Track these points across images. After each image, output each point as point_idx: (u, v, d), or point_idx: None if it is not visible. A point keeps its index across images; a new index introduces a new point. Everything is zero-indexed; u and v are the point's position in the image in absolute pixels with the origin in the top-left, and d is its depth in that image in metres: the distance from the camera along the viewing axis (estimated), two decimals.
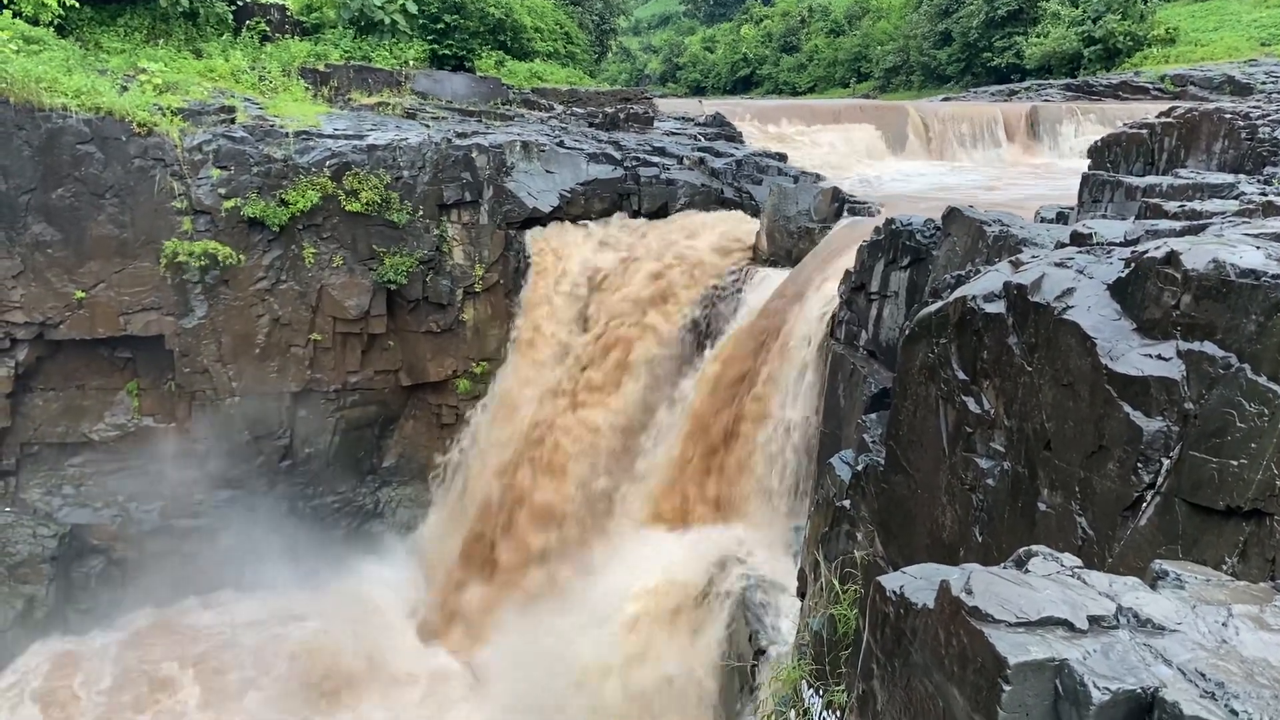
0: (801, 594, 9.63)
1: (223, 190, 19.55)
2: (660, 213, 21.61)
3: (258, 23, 26.89)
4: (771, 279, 17.20)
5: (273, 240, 20.24)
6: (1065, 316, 5.20)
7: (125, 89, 20.09)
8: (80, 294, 19.32)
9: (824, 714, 6.37)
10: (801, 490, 13.82)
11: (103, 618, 20.77)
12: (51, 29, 21.53)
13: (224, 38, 25.89)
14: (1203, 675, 2.81)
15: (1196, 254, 4.76)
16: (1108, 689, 2.74)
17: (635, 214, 21.70)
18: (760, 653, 11.70)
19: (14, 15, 20.68)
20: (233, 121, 20.37)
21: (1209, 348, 4.54)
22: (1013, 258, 6.53)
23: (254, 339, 20.64)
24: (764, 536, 14.11)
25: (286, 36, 27.53)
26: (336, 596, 21.30)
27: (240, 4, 26.61)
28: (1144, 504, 4.71)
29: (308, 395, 21.68)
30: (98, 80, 19.66)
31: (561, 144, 22.27)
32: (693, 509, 15.85)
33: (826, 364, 13.28)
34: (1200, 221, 7.09)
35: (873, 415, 9.51)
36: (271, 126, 20.38)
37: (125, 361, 20.87)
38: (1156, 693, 2.73)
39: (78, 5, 22.49)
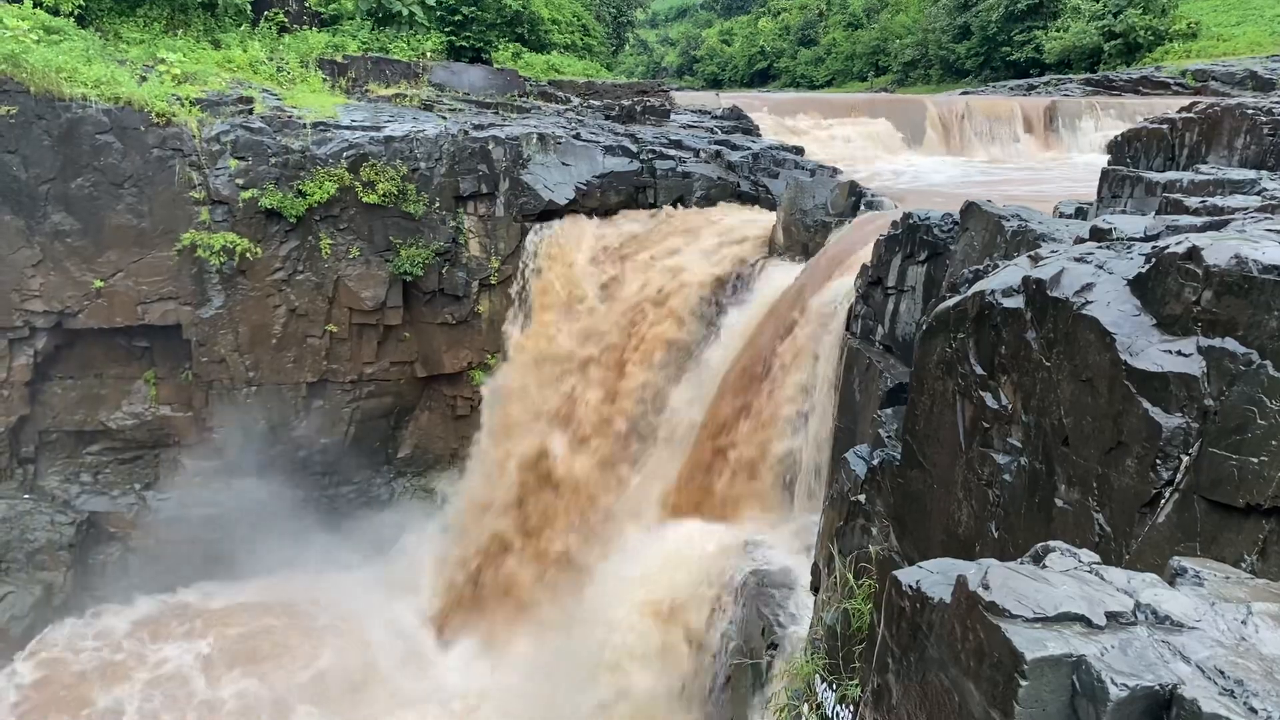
0: (815, 588, 9.62)
1: (240, 181, 19.63)
2: (676, 206, 21.58)
3: (276, 14, 26.95)
4: (787, 272, 17.15)
5: (290, 231, 20.31)
6: (1084, 312, 5.16)
7: (144, 79, 20.18)
8: (99, 283, 19.45)
9: (837, 708, 6.36)
10: (816, 485, 13.79)
11: (119, 604, 20.94)
12: (72, 19, 21.63)
13: (242, 28, 25.97)
14: (1222, 673, 2.79)
15: (1218, 249, 4.71)
16: (1125, 685, 2.72)
17: (651, 207, 21.67)
18: (773, 646, 11.69)
19: (35, 5, 20.79)
20: (251, 112, 20.45)
21: (1230, 344, 4.50)
22: (1031, 252, 6.49)
23: (270, 329, 20.74)
24: (777, 530, 14.08)
25: (304, 27, 27.60)
26: (352, 585, 21.41)
27: None
28: (1162, 501, 4.68)
29: (323, 386, 21.79)
30: (117, 70, 19.76)
31: (578, 136, 22.26)
32: (706, 502, 15.84)
33: (842, 358, 13.23)
34: (1222, 217, 7.03)
35: (888, 410, 9.47)
36: (289, 117, 20.45)
37: (143, 350, 21.01)
38: (1175, 690, 2.71)
39: None
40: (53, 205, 18.92)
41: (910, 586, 3.69)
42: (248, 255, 19.88)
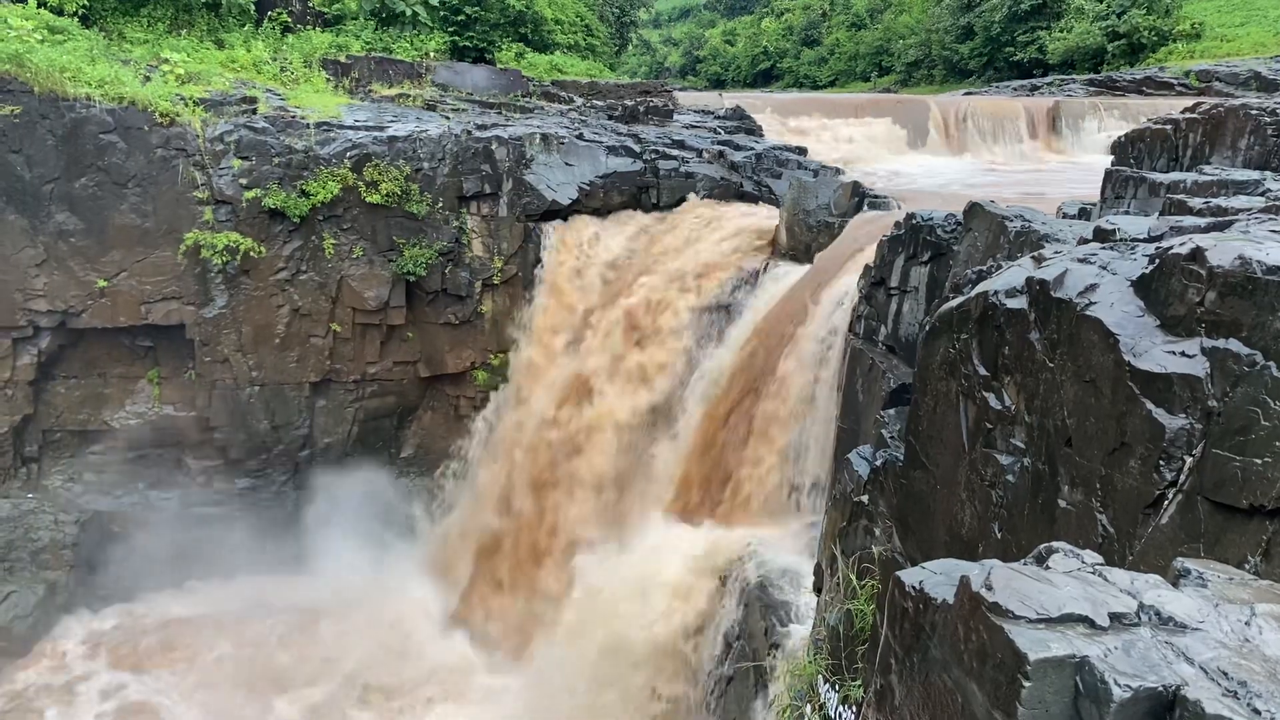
0: (818, 589, 9.62)
1: (244, 181, 19.65)
2: (679, 206, 21.58)
3: (279, 14, 26.97)
4: (790, 273, 17.15)
5: (293, 231, 20.33)
6: (1088, 313, 5.16)
7: (148, 79, 20.20)
8: (102, 283, 19.48)
9: (840, 708, 6.36)
10: (818, 485, 13.79)
11: (122, 604, 20.96)
12: (76, 19, 21.66)
13: (246, 28, 26.00)
14: (1225, 674, 2.79)
15: (1222, 250, 4.70)
16: (1129, 686, 2.72)
17: (654, 207, 21.68)
18: (775, 647, 11.69)
19: (39, 5, 20.81)
20: (254, 112, 20.46)
21: (1234, 345, 4.49)
22: (1035, 253, 6.48)
23: (274, 329, 20.76)
24: (780, 531, 14.08)
25: (308, 27, 27.62)
26: (355, 585, 21.40)
27: None
28: (1166, 502, 4.68)
29: (327, 386, 21.81)
30: (121, 70, 19.78)
31: (581, 136, 22.26)
32: (709, 502, 15.83)
33: (845, 359, 13.23)
34: (1225, 218, 7.01)
35: (891, 411, 9.48)
36: (293, 117, 20.46)
37: (146, 350, 21.03)
38: (1178, 691, 2.71)
39: None
40: (57, 205, 18.95)
41: (913, 587, 3.70)
42: (251, 254, 19.89)
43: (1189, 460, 4.58)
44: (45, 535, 20.05)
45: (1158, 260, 5.08)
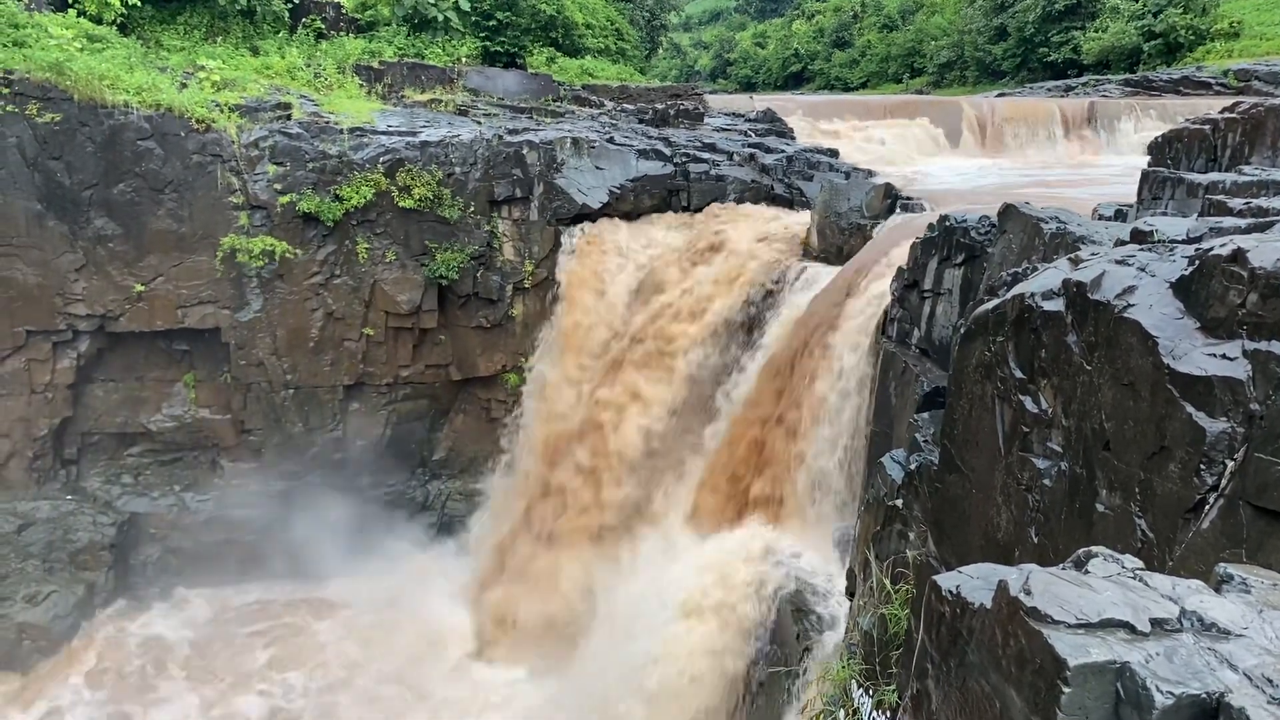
0: (851, 593, 9.57)
1: (278, 186, 19.85)
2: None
3: (313, 20, 27.24)
4: (822, 275, 17.07)
5: (327, 235, 20.51)
6: (1126, 315, 5.09)
7: (184, 86, 20.48)
8: (140, 287, 19.74)
9: (873, 714, 6.33)
10: (851, 489, 13.71)
11: (159, 605, 21.18)
12: (114, 27, 22.01)
13: (280, 35, 26.29)
14: (1270, 681, 2.74)
15: (1263, 251, 4.63)
16: (1171, 693, 2.68)
17: (684, 210, 21.65)
18: (807, 651, 11.63)
19: (79, 14, 21.15)
20: (289, 118, 20.67)
21: (1276, 347, 4.42)
22: (1071, 255, 6.41)
23: (308, 332, 20.94)
24: (812, 535, 14.02)
25: (341, 34, 27.88)
26: (387, 587, 21.53)
27: (296, 2, 27.02)
28: (1206, 506, 4.61)
29: (360, 389, 21.96)
30: (158, 77, 20.06)
31: (611, 140, 22.29)
32: (740, 506, 15.79)
33: (877, 362, 13.15)
34: (1266, 219, 6.91)
35: (925, 414, 9.41)
36: (326, 123, 20.65)
37: (182, 354, 21.29)
38: (1222, 698, 2.67)
39: (139, 4, 22.99)
40: (95, 210, 19.24)
41: (950, 592, 3.66)
42: (289, 256, 20.11)
43: (1230, 464, 4.51)
44: (84, 536, 20.32)
45: (1197, 262, 5.02)
